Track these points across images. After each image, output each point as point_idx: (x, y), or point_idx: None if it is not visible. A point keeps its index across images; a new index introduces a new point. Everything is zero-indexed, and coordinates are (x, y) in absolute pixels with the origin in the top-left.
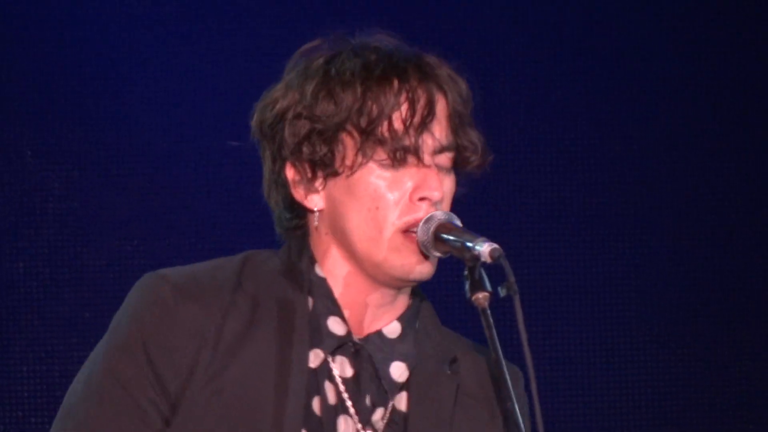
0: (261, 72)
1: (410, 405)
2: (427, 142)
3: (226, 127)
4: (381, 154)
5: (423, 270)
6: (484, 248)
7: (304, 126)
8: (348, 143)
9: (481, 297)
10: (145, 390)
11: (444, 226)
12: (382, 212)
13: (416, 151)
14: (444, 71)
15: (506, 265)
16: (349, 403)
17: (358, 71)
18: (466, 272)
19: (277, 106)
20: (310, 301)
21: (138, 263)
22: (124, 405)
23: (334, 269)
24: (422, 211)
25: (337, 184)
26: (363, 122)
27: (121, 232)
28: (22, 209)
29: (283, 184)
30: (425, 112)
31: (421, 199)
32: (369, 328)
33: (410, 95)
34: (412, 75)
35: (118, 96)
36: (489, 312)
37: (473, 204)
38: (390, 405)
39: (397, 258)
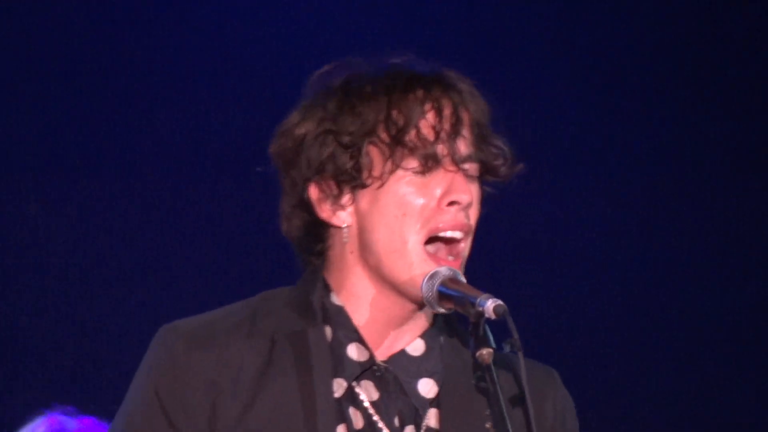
0: (260, 76)
1: (441, 422)
2: (457, 149)
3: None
4: (410, 161)
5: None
6: (488, 305)
7: (328, 143)
8: (375, 154)
9: (485, 354)
10: None
11: (448, 282)
12: (408, 219)
13: (448, 157)
14: (465, 85)
15: (510, 321)
16: (381, 425)
17: (380, 83)
18: (470, 328)
19: (298, 130)
20: (328, 330)
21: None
22: None
23: (357, 291)
24: (450, 215)
25: (364, 198)
26: (392, 130)
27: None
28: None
29: (305, 207)
30: (453, 120)
31: (450, 203)
32: (392, 348)
33: (436, 104)
34: (435, 86)
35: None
36: (493, 369)
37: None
38: (423, 424)
39: (416, 275)
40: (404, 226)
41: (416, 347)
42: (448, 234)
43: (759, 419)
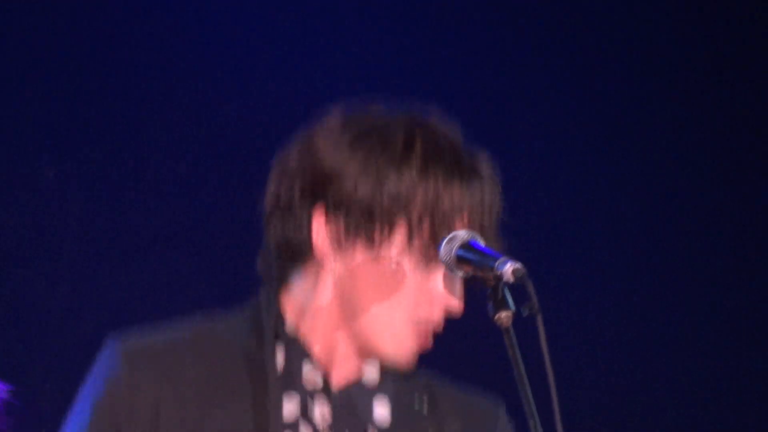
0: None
1: None
2: None
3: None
4: (426, 251)
5: (410, 360)
6: (506, 268)
7: (364, 195)
8: (401, 227)
9: (504, 317)
10: None
11: (466, 246)
12: (404, 308)
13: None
14: (497, 180)
15: (529, 284)
16: None
17: (438, 158)
18: (489, 292)
19: (334, 161)
20: (281, 353)
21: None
22: None
23: (315, 330)
24: (436, 313)
25: (366, 262)
26: (436, 217)
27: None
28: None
29: (300, 223)
30: (486, 222)
31: (440, 307)
32: (347, 377)
33: (482, 201)
34: (486, 179)
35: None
36: (512, 332)
37: None
38: None
39: (398, 347)
40: (398, 307)
41: (371, 376)
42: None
43: (759, 419)
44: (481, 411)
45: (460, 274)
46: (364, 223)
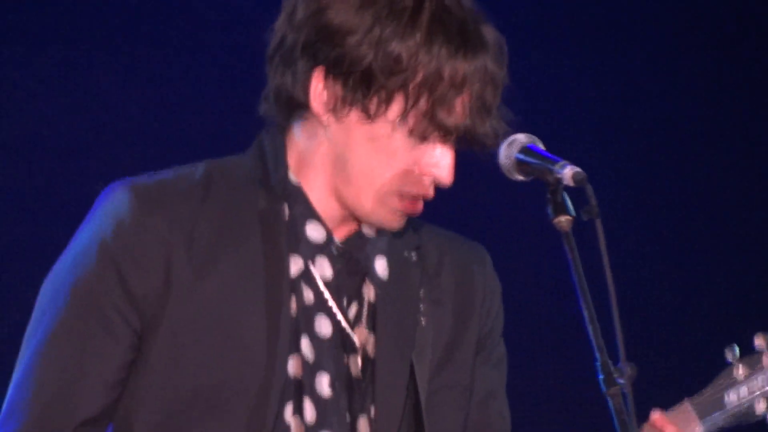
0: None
1: (377, 296)
2: (464, 126)
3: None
4: (421, 123)
5: (399, 226)
6: (566, 171)
7: (374, 56)
8: (398, 98)
9: (564, 221)
10: (116, 306)
11: (526, 150)
12: (391, 173)
13: (456, 135)
14: (503, 59)
15: (589, 189)
16: (331, 303)
17: (444, 30)
18: (548, 195)
19: (352, 17)
20: (286, 207)
21: None
22: (92, 319)
23: (314, 181)
24: (426, 185)
25: (360, 124)
26: (436, 93)
27: None
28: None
29: (299, 80)
30: (488, 102)
31: (429, 179)
32: (347, 228)
33: (484, 78)
34: (491, 54)
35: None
36: (572, 235)
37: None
38: (365, 300)
39: (382, 214)
40: (385, 176)
41: (370, 227)
42: (415, 196)
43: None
44: (470, 256)
45: (519, 177)
46: (361, 91)
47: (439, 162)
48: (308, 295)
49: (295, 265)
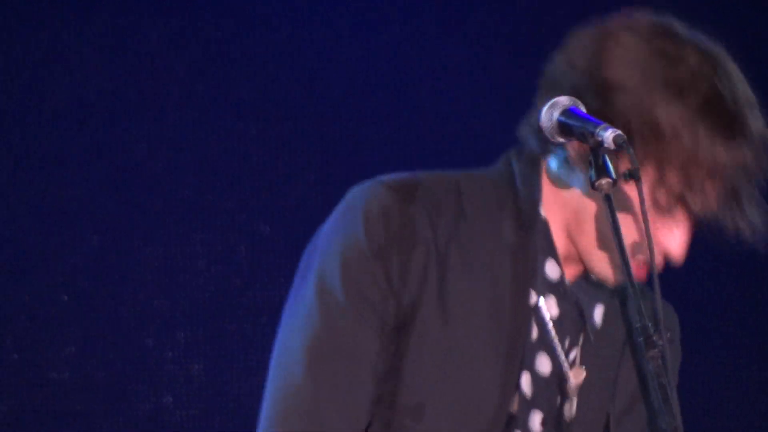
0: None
1: (590, 343)
2: (716, 217)
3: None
4: (669, 202)
5: (620, 283)
6: (607, 134)
7: (628, 117)
8: (649, 169)
9: (605, 183)
10: (384, 301)
11: (567, 113)
12: (630, 242)
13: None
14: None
15: (630, 151)
16: (556, 343)
17: (715, 109)
18: (590, 158)
19: (614, 75)
20: (532, 242)
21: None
22: (365, 312)
23: (554, 216)
24: (656, 260)
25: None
26: (689, 174)
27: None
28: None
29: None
30: (743, 196)
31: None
32: (575, 269)
33: (743, 171)
34: (755, 147)
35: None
36: (612, 198)
37: None
38: (580, 343)
39: (609, 271)
40: (625, 237)
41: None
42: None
43: (759, 419)
44: (672, 320)
45: (560, 140)
46: (615, 149)
47: (675, 237)
48: (533, 332)
49: (531, 301)
